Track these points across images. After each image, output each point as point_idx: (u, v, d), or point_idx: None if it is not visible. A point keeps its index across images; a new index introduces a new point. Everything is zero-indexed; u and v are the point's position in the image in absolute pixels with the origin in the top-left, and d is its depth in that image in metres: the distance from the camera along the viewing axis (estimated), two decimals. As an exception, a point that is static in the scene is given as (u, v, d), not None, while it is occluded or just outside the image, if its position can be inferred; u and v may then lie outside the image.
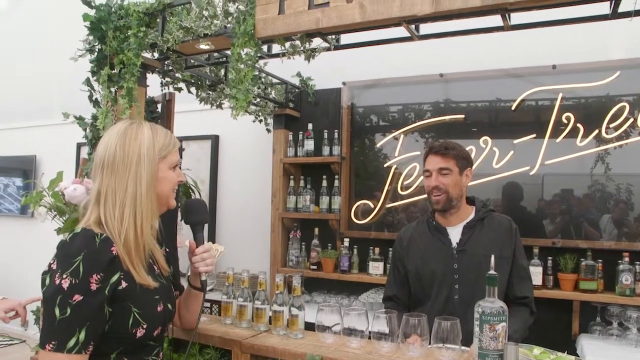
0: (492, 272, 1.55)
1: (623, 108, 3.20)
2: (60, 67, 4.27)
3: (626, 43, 3.28)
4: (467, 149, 2.48)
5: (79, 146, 5.46)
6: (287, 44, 2.42)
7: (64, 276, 1.30)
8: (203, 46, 2.56)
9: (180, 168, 1.65)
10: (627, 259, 3.09)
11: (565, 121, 3.34)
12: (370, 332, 1.73)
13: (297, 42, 2.45)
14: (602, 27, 3.21)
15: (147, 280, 1.45)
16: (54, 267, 1.34)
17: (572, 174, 3.33)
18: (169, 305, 1.57)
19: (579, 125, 3.30)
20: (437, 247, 2.19)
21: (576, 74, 3.32)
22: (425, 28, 2.41)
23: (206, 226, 1.79)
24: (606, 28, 3.23)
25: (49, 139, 5.85)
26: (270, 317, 1.90)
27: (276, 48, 2.84)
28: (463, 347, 1.65)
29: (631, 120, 3.18)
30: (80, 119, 2.80)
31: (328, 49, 2.49)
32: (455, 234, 2.19)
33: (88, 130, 2.94)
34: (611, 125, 3.23)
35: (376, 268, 3.74)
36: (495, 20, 2.26)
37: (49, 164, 5.81)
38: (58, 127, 5.55)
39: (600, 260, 3.18)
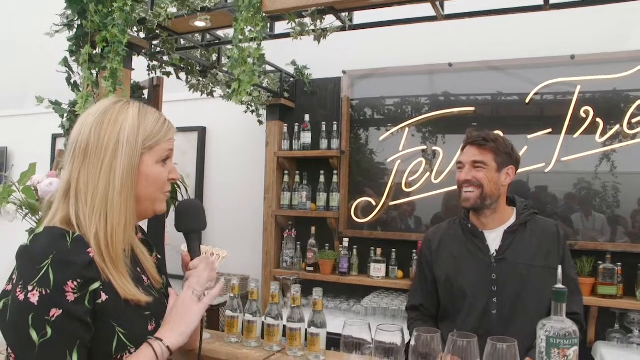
0: (560, 285, 1.31)
1: (646, 101, 3.00)
2: (35, 51, 3.92)
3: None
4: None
5: (55, 138, 5.08)
6: (296, 21, 2.14)
7: (30, 288, 1.01)
8: (199, 23, 2.26)
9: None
10: (649, 262, 2.91)
11: (583, 115, 3.13)
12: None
13: (306, 20, 2.18)
14: (625, 15, 3.03)
15: (135, 294, 1.15)
16: (15, 281, 1.04)
17: (590, 172, 3.12)
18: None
19: (598, 120, 3.09)
20: (473, 253, 1.92)
21: (596, 65, 3.11)
22: (451, 7, 2.17)
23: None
24: (629, 16, 3.05)
25: (21, 130, 5.45)
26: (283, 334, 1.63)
27: (278, 28, 2.56)
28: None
29: (655, 115, 2.98)
30: (56, 104, 2.48)
31: (342, 29, 2.22)
32: (493, 239, 1.92)
33: (65, 118, 2.62)
34: (633, 121, 3.03)
35: (378, 270, 3.48)
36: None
37: (21, 156, 5.40)
38: (31, 117, 5.18)
39: (619, 263, 2.98)
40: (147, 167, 1.22)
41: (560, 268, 1.33)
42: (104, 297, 1.10)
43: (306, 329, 1.59)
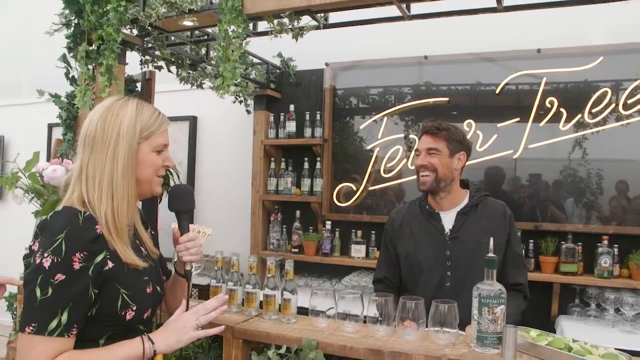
0: (491, 254, 1.54)
1: (605, 93, 3.23)
2: (30, 43, 4.09)
3: (609, 28, 3.31)
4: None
5: (51, 127, 5.25)
6: (275, 22, 2.35)
7: (45, 255, 1.26)
8: (187, 22, 2.47)
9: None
10: (606, 242, 3.14)
11: (548, 105, 3.36)
12: (365, 316, 1.71)
13: (285, 20, 2.38)
14: (587, 12, 3.24)
15: (134, 260, 1.40)
16: (35, 247, 1.30)
17: (554, 159, 3.36)
18: (158, 288, 1.53)
19: (562, 109, 3.32)
20: (430, 232, 2.15)
21: (560, 58, 3.33)
22: (417, 8, 2.38)
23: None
24: (591, 13, 3.25)
25: (17, 119, 5.61)
26: (261, 301, 1.86)
27: (261, 26, 2.76)
28: (459, 331, 1.64)
29: (613, 105, 3.21)
30: (56, 97, 2.68)
31: (317, 28, 2.43)
32: (448, 219, 2.14)
33: (62, 110, 2.82)
34: (593, 110, 3.26)
35: (358, 251, 3.72)
36: (487, 1, 2.25)
37: (18, 145, 5.57)
38: (27, 106, 5.33)
39: (580, 243, 3.22)
40: (143, 154, 1.46)
41: (492, 240, 1.56)
42: (110, 264, 1.34)
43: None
